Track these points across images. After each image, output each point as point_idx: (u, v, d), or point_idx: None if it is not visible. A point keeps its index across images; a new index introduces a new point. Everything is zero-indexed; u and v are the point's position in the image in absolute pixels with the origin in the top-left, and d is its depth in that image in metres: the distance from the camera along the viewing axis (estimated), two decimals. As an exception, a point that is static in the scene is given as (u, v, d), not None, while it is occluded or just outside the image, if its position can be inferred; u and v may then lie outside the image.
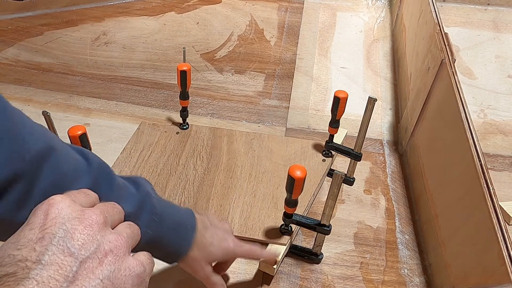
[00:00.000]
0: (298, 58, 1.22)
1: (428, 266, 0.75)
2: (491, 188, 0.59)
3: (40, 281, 0.26)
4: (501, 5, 1.37)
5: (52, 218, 0.29)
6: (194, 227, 0.56)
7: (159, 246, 0.52)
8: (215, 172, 0.83)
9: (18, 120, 0.39)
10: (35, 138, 0.39)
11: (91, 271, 0.28)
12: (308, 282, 0.72)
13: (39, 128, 0.41)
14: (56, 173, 0.41)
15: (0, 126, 0.36)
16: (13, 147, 0.37)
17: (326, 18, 1.38)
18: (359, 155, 0.81)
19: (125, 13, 1.36)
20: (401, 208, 0.85)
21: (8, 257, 0.27)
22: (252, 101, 1.08)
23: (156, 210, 0.51)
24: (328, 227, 0.68)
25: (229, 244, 0.60)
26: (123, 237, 0.32)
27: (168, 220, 0.52)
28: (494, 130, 1.02)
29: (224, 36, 1.29)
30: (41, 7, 1.33)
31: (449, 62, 0.77)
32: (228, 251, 0.59)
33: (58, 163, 0.41)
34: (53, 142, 0.41)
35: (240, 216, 0.76)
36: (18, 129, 0.38)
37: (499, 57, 1.22)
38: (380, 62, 1.22)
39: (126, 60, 1.19)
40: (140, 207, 0.49)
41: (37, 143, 0.39)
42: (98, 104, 1.05)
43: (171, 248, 0.54)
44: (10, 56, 1.18)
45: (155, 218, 0.50)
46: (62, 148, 0.43)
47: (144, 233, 0.49)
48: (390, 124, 1.03)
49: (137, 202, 0.49)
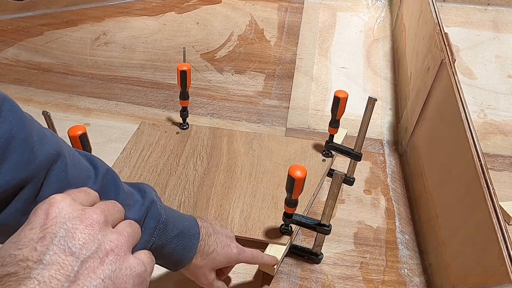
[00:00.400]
0: (298, 58, 1.22)
1: (428, 266, 0.75)
2: (491, 188, 0.59)
3: (42, 281, 0.26)
4: (501, 5, 1.37)
5: (53, 218, 0.29)
6: (197, 235, 0.56)
7: (163, 254, 0.52)
8: (215, 172, 0.83)
9: (30, 127, 0.39)
10: (44, 144, 0.40)
11: (92, 271, 0.28)
12: (308, 282, 0.72)
13: (49, 134, 0.42)
14: (63, 179, 0.41)
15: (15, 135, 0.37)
16: (24, 154, 0.37)
17: (326, 18, 1.38)
18: (359, 155, 0.81)
19: (125, 13, 1.36)
20: (401, 208, 0.85)
21: (9, 257, 0.27)
22: (252, 101, 1.08)
23: (161, 217, 0.51)
24: (328, 227, 0.68)
25: (232, 250, 0.60)
26: (124, 237, 0.32)
27: (172, 228, 0.52)
28: (494, 130, 1.02)
29: (224, 36, 1.29)
30: (41, 7, 1.33)
31: (449, 62, 0.77)
32: (231, 257, 0.60)
33: (65, 169, 0.41)
34: (62, 148, 0.42)
35: (240, 216, 0.76)
36: (30, 136, 0.38)
37: (499, 57, 1.22)
38: (380, 62, 1.22)
39: (126, 60, 1.19)
40: (145, 214, 0.49)
41: (46, 148, 0.40)
42: (98, 104, 1.05)
43: (174, 256, 0.54)
44: (10, 56, 1.18)
45: (160, 225, 0.51)
46: (70, 154, 0.43)
47: (148, 241, 0.49)
48: (390, 124, 1.03)
49: (143, 209, 0.49)
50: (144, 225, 0.49)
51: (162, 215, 0.51)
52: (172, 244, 0.52)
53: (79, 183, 0.43)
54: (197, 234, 0.56)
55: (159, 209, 0.51)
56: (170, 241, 0.52)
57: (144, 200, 0.49)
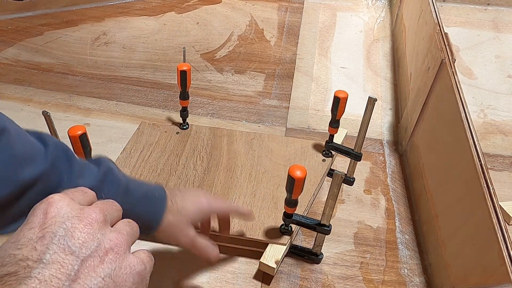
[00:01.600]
0: (298, 58, 1.22)
1: (428, 266, 0.75)
2: (491, 188, 0.59)
3: (43, 280, 0.26)
4: (501, 5, 1.37)
5: (52, 217, 0.29)
6: (163, 195, 0.56)
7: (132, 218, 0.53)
8: (215, 172, 0.83)
9: None
10: None
11: (93, 269, 0.29)
12: (308, 282, 0.72)
13: None
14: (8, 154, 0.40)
15: None
16: None
17: (326, 18, 1.38)
18: (359, 155, 0.81)
19: (125, 13, 1.36)
20: (401, 208, 0.85)
21: (8, 257, 0.27)
22: (252, 101, 1.08)
23: (120, 182, 0.51)
24: (328, 227, 0.68)
25: (201, 199, 0.59)
26: (123, 235, 0.32)
27: (135, 192, 0.53)
28: (494, 130, 1.02)
29: (224, 36, 1.29)
30: (41, 7, 1.34)
31: (449, 62, 0.77)
32: (202, 206, 0.59)
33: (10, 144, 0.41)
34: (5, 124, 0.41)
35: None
36: None
37: (499, 57, 1.22)
38: (380, 62, 1.22)
39: (126, 60, 1.19)
40: (101, 181, 0.49)
41: None
42: (98, 104, 1.05)
43: (144, 218, 0.53)
44: (10, 56, 1.18)
45: (120, 189, 0.50)
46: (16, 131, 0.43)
47: None
48: (390, 124, 1.03)
49: (98, 176, 0.49)
50: (103, 192, 0.48)
51: (121, 180, 0.51)
52: (138, 207, 0.52)
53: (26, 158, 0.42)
54: (162, 195, 0.55)
55: (117, 175, 0.51)
56: (135, 205, 0.52)
57: (99, 168, 0.50)
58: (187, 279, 0.72)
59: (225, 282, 0.72)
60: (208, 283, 0.71)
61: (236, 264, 0.75)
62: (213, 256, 0.60)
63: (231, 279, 0.72)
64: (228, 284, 0.71)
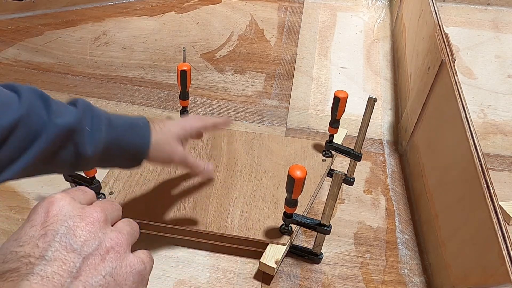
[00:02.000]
0: (298, 58, 1.22)
1: (428, 266, 0.75)
2: (491, 188, 0.59)
3: (45, 276, 0.27)
4: (501, 5, 1.37)
5: (53, 216, 0.30)
6: (146, 121, 0.59)
7: (122, 146, 0.55)
8: (215, 172, 0.83)
9: None
10: None
11: (94, 268, 0.29)
12: (308, 282, 0.72)
13: None
14: None
15: None
16: None
17: (326, 18, 1.38)
18: (359, 155, 0.81)
19: (125, 13, 1.37)
20: (401, 208, 0.85)
21: (10, 254, 0.27)
22: (252, 101, 1.08)
23: (101, 115, 0.53)
24: (328, 227, 0.68)
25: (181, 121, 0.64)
26: (123, 235, 0.32)
27: (118, 123, 0.55)
28: (494, 130, 1.02)
29: (224, 36, 1.29)
30: (41, 7, 1.34)
31: (449, 62, 0.77)
32: (184, 123, 0.63)
33: None
34: None
35: (240, 216, 0.76)
36: None
37: (499, 57, 1.22)
38: (380, 62, 1.22)
39: (126, 60, 1.19)
40: (82, 117, 0.50)
41: None
42: (98, 104, 1.04)
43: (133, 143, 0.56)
44: (10, 56, 1.18)
45: (103, 121, 0.53)
46: None
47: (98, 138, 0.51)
48: (390, 124, 1.03)
49: (78, 113, 0.50)
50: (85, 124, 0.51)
51: (102, 114, 0.54)
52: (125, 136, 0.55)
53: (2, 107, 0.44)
54: (145, 122, 0.59)
55: (97, 109, 0.53)
56: (122, 134, 0.55)
57: (77, 107, 0.51)
58: (187, 279, 0.72)
59: (225, 282, 0.72)
60: (208, 283, 0.71)
61: (236, 264, 0.75)
62: (207, 170, 0.65)
63: (231, 279, 0.72)
64: (228, 284, 0.71)
